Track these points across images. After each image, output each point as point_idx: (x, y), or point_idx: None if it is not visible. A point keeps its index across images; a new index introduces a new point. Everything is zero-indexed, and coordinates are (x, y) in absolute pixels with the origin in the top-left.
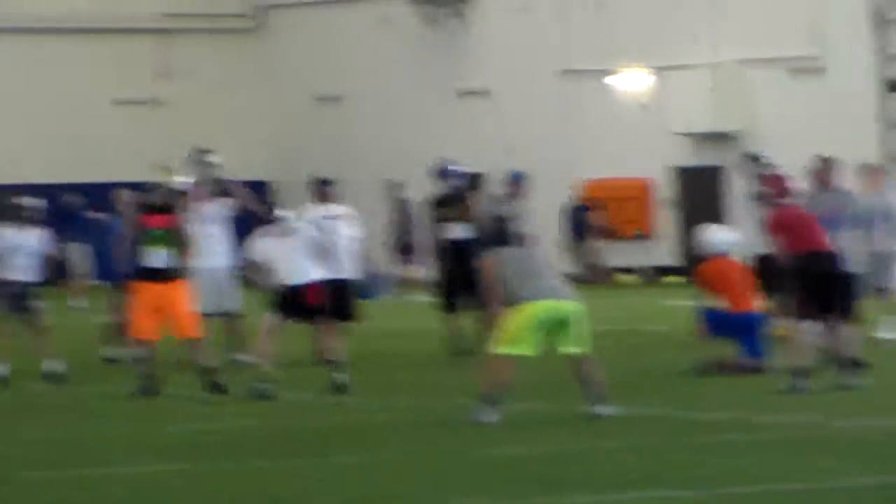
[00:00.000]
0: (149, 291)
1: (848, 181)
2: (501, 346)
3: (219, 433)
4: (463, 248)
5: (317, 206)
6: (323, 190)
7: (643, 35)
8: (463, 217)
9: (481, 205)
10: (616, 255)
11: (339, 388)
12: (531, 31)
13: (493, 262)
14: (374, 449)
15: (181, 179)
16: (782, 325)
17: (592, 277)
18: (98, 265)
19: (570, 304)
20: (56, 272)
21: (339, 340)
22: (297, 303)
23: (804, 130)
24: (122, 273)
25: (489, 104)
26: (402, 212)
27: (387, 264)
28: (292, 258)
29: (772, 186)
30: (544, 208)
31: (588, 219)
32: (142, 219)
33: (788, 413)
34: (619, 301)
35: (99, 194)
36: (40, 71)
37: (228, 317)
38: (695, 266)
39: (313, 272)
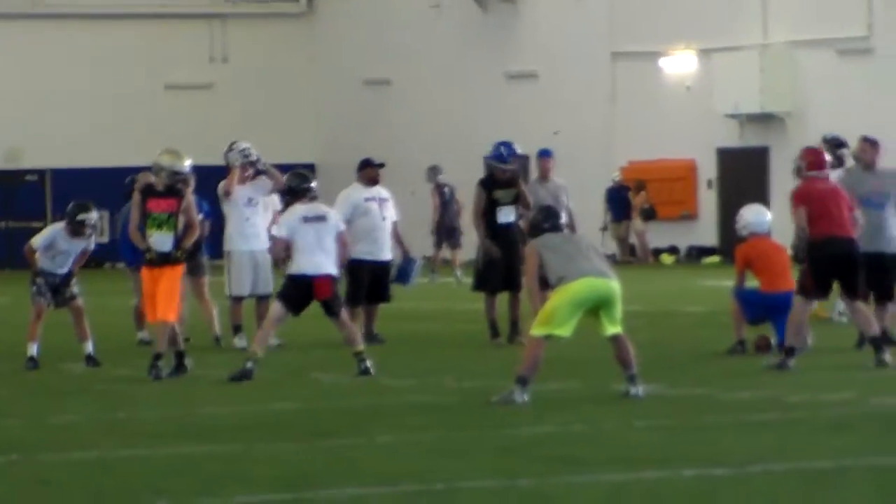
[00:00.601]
0: (149, 275)
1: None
2: (538, 328)
3: (254, 415)
4: (513, 232)
5: (361, 189)
6: (369, 172)
7: (691, 17)
8: (518, 200)
9: (530, 188)
10: (659, 235)
11: (365, 372)
12: (580, 14)
13: (536, 248)
14: (411, 429)
15: (186, 163)
16: (819, 306)
17: (633, 257)
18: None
19: (612, 283)
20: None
21: (365, 323)
22: (303, 294)
23: (852, 111)
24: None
25: (537, 87)
26: (441, 195)
27: (424, 247)
28: (307, 247)
29: (806, 159)
30: (591, 189)
31: (630, 199)
32: (146, 203)
33: (823, 392)
34: (658, 281)
35: None
36: (95, 57)
37: (259, 299)
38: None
39: (325, 265)
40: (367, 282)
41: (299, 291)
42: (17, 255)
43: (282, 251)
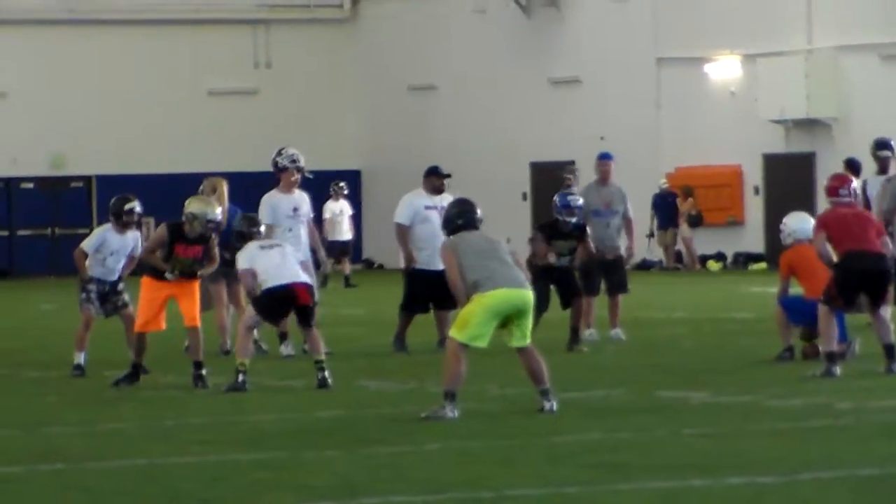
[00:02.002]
0: (153, 284)
1: None
2: (456, 332)
3: (301, 423)
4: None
5: (424, 195)
6: (434, 181)
7: (736, 22)
8: (574, 253)
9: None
10: (705, 242)
11: (322, 382)
12: (624, 20)
13: (451, 247)
14: (457, 437)
15: (218, 210)
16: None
17: (680, 264)
18: None
19: (527, 294)
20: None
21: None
22: (280, 304)
23: None
24: None
25: (582, 93)
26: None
27: None
28: (275, 266)
29: (832, 184)
30: (637, 196)
31: (677, 206)
32: (176, 247)
33: (871, 398)
34: (705, 288)
35: (196, 185)
36: (139, 62)
37: None
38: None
39: (301, 275)
40: (426, 291)
41: (276, 301)
42: (64, 262)
43: (251, 281)
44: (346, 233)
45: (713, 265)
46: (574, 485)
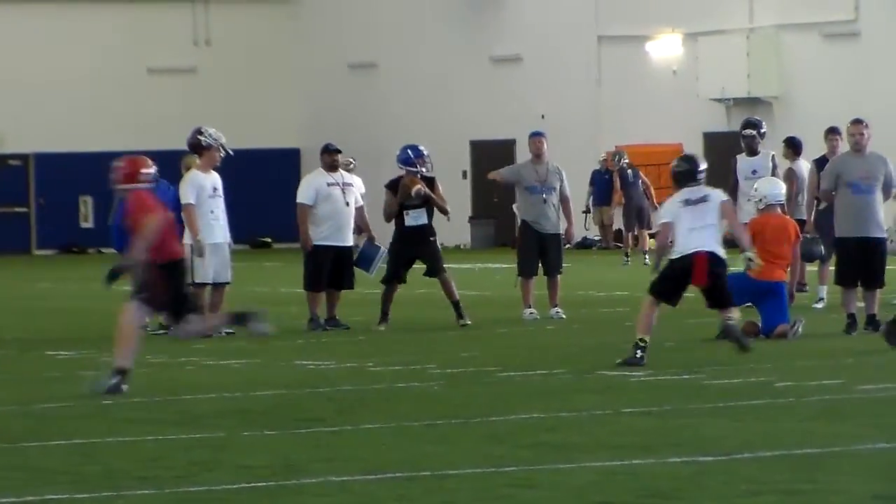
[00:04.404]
0: None
1: (883, 145)
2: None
3: (239, 402)
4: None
5: (323, 173)
6: (326, 157)
7: (678, 0)
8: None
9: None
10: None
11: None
12: None
13: None
14: (397, 416)
15: None
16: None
17: (614, 242)
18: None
19: None
20: None
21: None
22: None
23: (838, 96)
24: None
25: (523, 71)
26: None
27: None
28: None
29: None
30: (576, 175)
31: (613, 183)
32: None
33: (810, 378)
34: (646, 267)
35: None
36: (78, 41)
37: (216, 287)
38: None
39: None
40: (329, 267)
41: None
42: (2, 239)
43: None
44: None
45: (653, 243)
46: (513, 464)
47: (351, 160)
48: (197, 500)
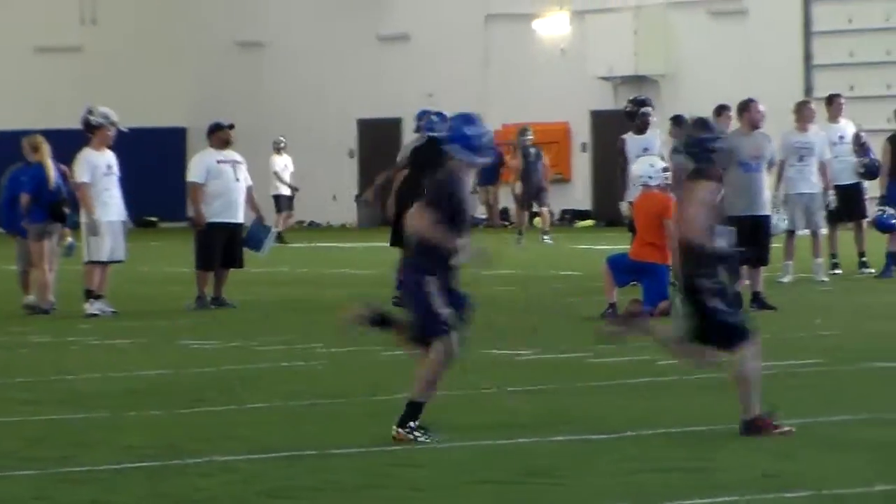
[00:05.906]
0: None
1: (771, 123)
2: None
3: (123, 382)
4: None
5: (213, 152)
6: (220, 135)
7: None
8: None
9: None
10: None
11: None
12: None
13: None
14: (282, 395)
15: None
16: None
17: (499, 222)
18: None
19: None
20: None
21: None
22: None
23: (726, 73)
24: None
25: (410, 49)
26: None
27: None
28: None
29: None
30: None
31: (498, 164)
32: None
33: None
34: (532, 245)
35: (19, 143)
36: None
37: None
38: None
39: None
40: (220, 245)
41: None
42: None
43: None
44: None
45: (539, 222)
46: (397, 443)
47: (282, 138)
48: (80, 480)
